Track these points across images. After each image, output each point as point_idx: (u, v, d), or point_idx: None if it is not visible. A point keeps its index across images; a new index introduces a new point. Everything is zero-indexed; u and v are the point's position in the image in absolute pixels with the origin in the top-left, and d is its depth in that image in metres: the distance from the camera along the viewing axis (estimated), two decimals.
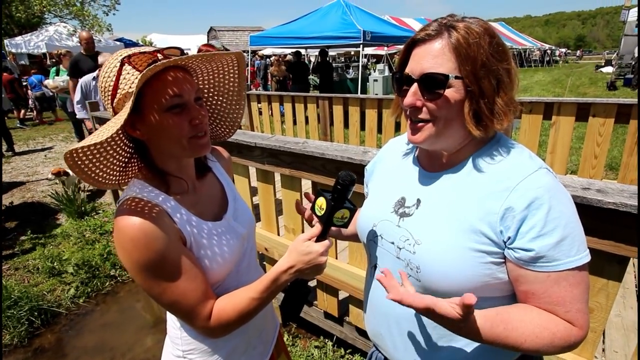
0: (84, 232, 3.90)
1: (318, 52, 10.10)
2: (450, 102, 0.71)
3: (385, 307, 0.89)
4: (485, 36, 0.70)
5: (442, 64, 0.70)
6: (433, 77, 0.70)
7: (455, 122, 0.73)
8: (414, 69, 0.73)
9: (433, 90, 0.71)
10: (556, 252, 0.68)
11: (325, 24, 7.96)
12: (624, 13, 12.37)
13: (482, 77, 0.70)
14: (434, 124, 0.74)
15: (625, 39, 12.70)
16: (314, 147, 1.74)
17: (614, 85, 12.37)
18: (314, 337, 2.47)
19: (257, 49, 11.55)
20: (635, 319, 2.05)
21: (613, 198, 1.06)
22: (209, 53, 0.78)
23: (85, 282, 3.25)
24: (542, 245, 0.68)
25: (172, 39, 25.02)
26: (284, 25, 8.82)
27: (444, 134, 0.75)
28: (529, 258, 0.69)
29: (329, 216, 0.82)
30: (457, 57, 0.69)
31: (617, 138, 5.72)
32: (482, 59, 0.69)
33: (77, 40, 14.65)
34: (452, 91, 0.71)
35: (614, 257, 1.13)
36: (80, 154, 0.74)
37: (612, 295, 1.18)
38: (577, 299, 0.70)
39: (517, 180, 0.70)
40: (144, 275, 0.77)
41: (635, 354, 1.22)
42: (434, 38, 0.71)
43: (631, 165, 2.95)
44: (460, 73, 0.70)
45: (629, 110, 2.89)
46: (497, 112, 0.71)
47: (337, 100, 4.53)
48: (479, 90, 0.70)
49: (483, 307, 0.76)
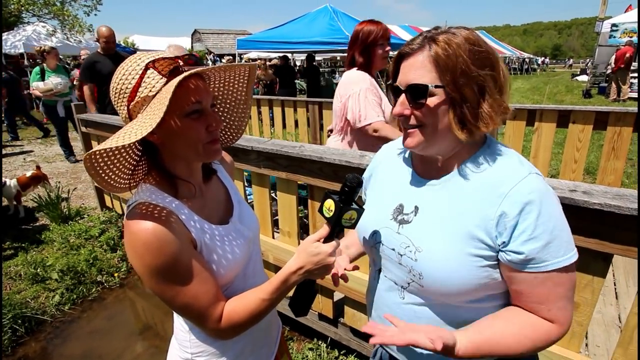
0: (69, 237, 3.80)
1: (305, 57, 10.17)
2: (434, 109, 0.76)
3: (390, 309, 0.92)
4: (466, 44, 0.74)
5: (424, 75, 0.76)
6: (416, 87, 0.76)
7: (443, 128, 0.78)
8: (402, 80, 0.80)
9: (417, 100, 0.77)
10: (544, 254, 0.73)
11: (313, 29, 8.04)
12: (598, 24, 12.95)
13: (462, 85, 0.74)
14: (423, 129, 0.79)
15: (600, 49, 13.28)
16: (312, 150, 1.78)
17: (589, 93, 12.90)
18: (307, 339, 2.48)
19: (243, 52, 11.55)
20: (615, 315, 2.16)
21: (598, 199, 1.13)
22: (229, 64, 0.81)
23: (70, 289, 3.16)
24: (532, 248, 0.72)
25: (155, 41, 24.68)
26: (272, 30, 8.86)
27: (434, 139, 0.80)
28: (519, 260, 0.74)
29: (337, 217, 0.85)
30: (437, 68, 0.75)
31: (592, 144, 5.97)
32: (461, 67, 0.73)
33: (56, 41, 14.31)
34: (434, 99, 0.76)
35: (599, 254, 1.20)
36: (98, 157, 0.76)
37: (597, 290, 1.25)
38: (560, 297, 0.76)
39: (509, 186, 0.74)
40: (157, 279, 0.78)
41: (618, 347, 1.30)
42: (417, 52, 0.77)
43: (608, 169, 3.11)
44: (441, 82, 0.75)
45: (606, 117, 3.05)
46: (482, 116, 0.75)
47: (327, 105, 4.58)
48: (460, 97, 0.74)
49: (482, 304, 0.82)
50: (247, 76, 0.93)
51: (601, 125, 3.09)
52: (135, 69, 0.77)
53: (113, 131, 3.36)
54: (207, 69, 0.77)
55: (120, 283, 3.43)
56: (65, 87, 6.04)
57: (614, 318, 2.14)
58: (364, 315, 2.02)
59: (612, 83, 11.59)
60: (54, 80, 5.87)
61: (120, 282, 3.45)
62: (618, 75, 11.14)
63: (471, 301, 0.81)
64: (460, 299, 0.81)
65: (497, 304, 0.84)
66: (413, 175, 0.92)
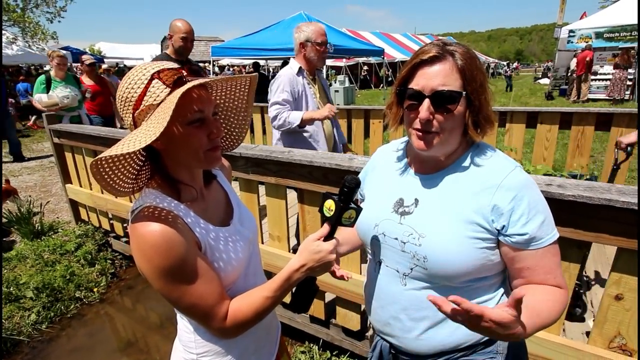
0: (42, 253, 3.63)
1: (281, 63, 10.21)
2: (455, 115, 0.84)
3: (392, 297, 0.98)
4: (477, 59, 0.86)
5: (452, 82, 0.83)
6: (446, 93, 0.83)
7: (456, 131, 0.87)
8: (425, 86, 0.84)
9: (444, 105, 0.84)
10: (541, 232, 0.85)
11: (288, 36, 8.05)
12: (557, 30, 13.78)
13: (480, 94, 0.85)
14: (441, 134, 0.86)
15: (559, 53, 14.11)
16: (301, 155, 1.82)
17: (551, 95, 13.66)
18: (298, 342, 2.50)
19: (217, 59, 11.48)
20: (587, 300, 2.31)
21: (571, 191, 1.23)
22: (232, 76, 0.85)
23: (47, 307, 3.03)
24: (532, 228, 0.84)
25: (122, 48, 24.03)
26: (247, 37, 8.85)
27: (447, 142, 0.88)
28: (524, 240, 0.84)
29: (338, 216, 0.90)
30: (463, 77, 0.83)
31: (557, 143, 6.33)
32: (480, 79, 0.85)
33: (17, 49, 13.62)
34: (459, 105, 0.84)
35: (574, 242, 1.31)
36: (104, 163, 0.77)
37: (574, 276, 1.36)
38: (558, 265, 0.89)
39: (500, 178, 0.86)
40: (165, 280, 0.80)
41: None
42: (440, 60, 0.84)
43: (574, 166, 3.33)
44: (465, 90, 0.83)
45: (570, 117, 3.27)
46: (490, 119, 0.88)
47: None
48: (479, 104, 0.85)
49: (478, 283, 0.91)
50: (248, 85, 0.96)
51: (565, 125, 3.32)
52: (140, 79, 0.79)
53: (89, 142, 3.27)
54: (211, 81, 0.80)
55: (100, 298, 3.32)
56: (74, 100, 5.00)
57: (586, 302, 2.28)
58: (356, 314, 2.06)
59: (574, 85, 12.33)
60: (60, 92, 4.91)
61: (100, 297, 3.34)
62: (581, 77, 11.87)
63: (470, 281, 0.90)
64: (460, 279, 0.89)
65: (489, 283, 0.93)
66: (410, 172, 1.00)
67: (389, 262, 0.99)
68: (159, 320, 3.15)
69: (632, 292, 1.25)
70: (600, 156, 5.66)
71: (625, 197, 1.16)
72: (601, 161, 5.27)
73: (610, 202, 1.17)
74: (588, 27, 12.33)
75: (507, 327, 0.68)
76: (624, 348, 1.31)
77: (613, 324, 1.31)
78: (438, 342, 0.94)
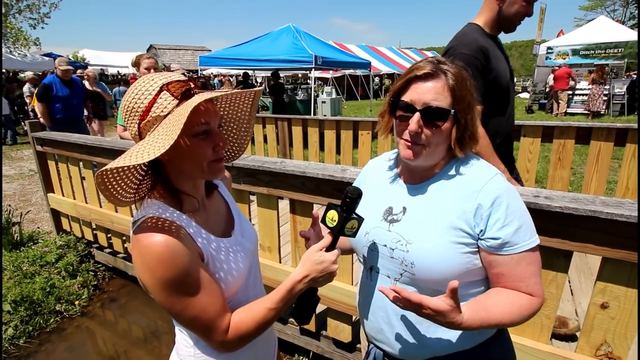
0: (21, 264, 3.50)
1: (271, 74, 10.26)
2: (443, 130, 0.89)
3: (384, 304, 0.99)
4: (468, 80, 0.91)
5: (442, 100, 0.88)
6: (436, 109, 0.87)
7: (442, 146, 0.92)
8: (417, 100, 0.89)
9: (433, 120, 0.88)
10: (516, 238, 0.87)
11: (277, 48, 8.17)
12: (535, 47, 14.31)
13: (467, 112, 0.90)
14: (428, 147, 0.91)
15: (538, 69, 14.64)
16: (293, 166, 1.83)
17: (531, 109, 14.13)
18: (288, 355, 2.46)
19: (204, 68, 11.46)
20: (572, 310, 2.37)
21: (558, 203, 1.28)
22: (238, 91, 0.86)
23: (25, 320, 2.91)
24: (506, 233, 0.87)
25: (106, 56, 23.72)
26: (235, 47, 8.89)
27: (433, 155, 0.93)
28: (497, 245, 0.88)
29: (341, 227, 0.90)
30: (453, 95, 0.88)
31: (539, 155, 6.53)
32: (468, 99, 0.90)
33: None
34: (446, 122, 0.89)
35: (561, 252, 1.35)
36: (109, 174, 0.76)
37: (561, 285, 1.39)
38: (534, 274, 0.90)
39: (481, 184, 0.90)
40: (167, 292, 0.79)
41: None
42: (433, 77, 0.89)
43: (556, 178, 3.44)
44: (454, 108, 0.88)
45: (552, 131, 3.38)
46: (475, 137, 0.92)
47: (297, 122, 4.66)
48: (465, 122, 0.90)
49: (467, 290, 0.93)
50: (252, 98, 0.97)
51: (547, 138, 3.43)
52: (148, 90, 0.79)
53: (74, 150, 3.19)
54: (219, 94, 0.81)
55: (81, 311, 3.21)
56: None
57: (572, 312, 2.34)
58: (348, 326, 2.06)
59: (553, 99, 12.79)
60: None
61: (82, 310, 3.22)
62: (558, 93, 12.33)
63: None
64: (447, 284, 0.90)
65: (478, 289, 0.96)
66: (399, 182, 1.04)
67: (380, 269, 1.01)
68: (142, 334, 3.06)
69: (617, 300, 1.29)
70: (579, 168, 5.86)
71: (609, 209, 1.20)
72: (581, 173, 5.45)
73: (595, 213, 1.21)
74: (565, 44, 12.86)
75: (444, 315, 0.79)
76: (610, 356, 1.35)
77: (599, 332, 1.35)
78: (430, 348, 0.96)
